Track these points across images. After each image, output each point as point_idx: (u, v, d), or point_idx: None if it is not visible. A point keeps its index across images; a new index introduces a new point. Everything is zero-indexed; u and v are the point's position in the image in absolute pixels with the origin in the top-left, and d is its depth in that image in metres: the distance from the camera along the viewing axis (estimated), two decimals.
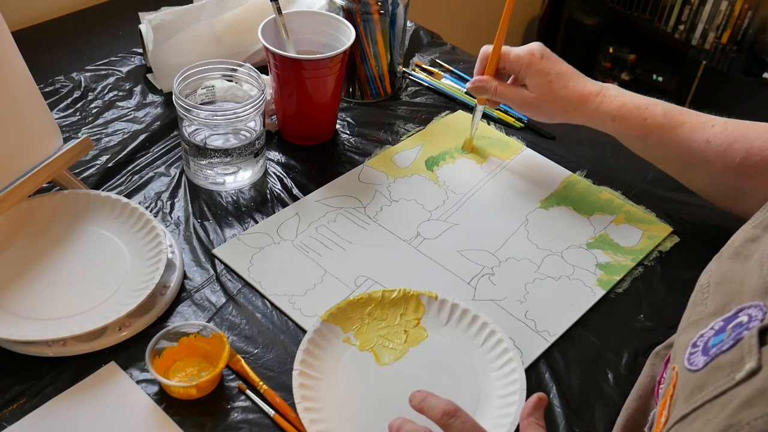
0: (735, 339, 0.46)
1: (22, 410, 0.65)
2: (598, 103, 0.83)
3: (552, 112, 0.86)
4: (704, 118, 0.81)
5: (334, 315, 0.73)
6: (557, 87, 0.84)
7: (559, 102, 0.85)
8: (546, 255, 0.83)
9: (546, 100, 0.85)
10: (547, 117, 0.88)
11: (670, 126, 0.81)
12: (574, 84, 0.84)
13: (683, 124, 0.81)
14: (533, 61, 0.84)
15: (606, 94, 0.84)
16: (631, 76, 2.36)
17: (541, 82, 0.84)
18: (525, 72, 0.85)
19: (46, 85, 0.99)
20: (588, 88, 0.84)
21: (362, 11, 0.94)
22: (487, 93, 0.88)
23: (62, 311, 0.71)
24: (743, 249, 0.55)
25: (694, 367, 0.49)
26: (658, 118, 0.81)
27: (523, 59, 0.85)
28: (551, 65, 0.85)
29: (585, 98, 0.84)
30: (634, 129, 0.83)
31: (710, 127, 0.80)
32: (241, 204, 0.86)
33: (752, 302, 0.48)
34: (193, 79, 0.85)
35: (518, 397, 0.66)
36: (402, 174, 0.92)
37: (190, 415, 0.66)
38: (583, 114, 0.85)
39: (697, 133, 0.80)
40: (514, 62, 0.86)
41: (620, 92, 0.84)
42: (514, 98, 0.87)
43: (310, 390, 0.67)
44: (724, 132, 0.79)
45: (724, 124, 0.80)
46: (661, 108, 0.82)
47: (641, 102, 0.83)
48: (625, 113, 0.82)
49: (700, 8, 2.14)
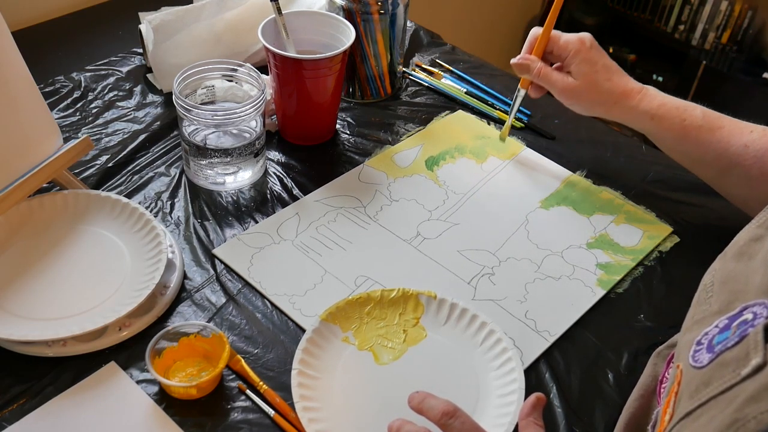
0: (740, 336, 0.46)
1: (22, 410, 0.65)
2: (639, 100, 0.84)
3: (592, 102, 0.86)
4: (742, 124, 0.82)
5: (333, 314, 0.73)
6: (602, 78, 0.84)
7: (602, 94, 0.85)
8: (546, 255, 0.83)
9: (589, 89, 0.85)
10: (586, 107, 0.87)
11: (709, 128, 0.81)
12: (618, 79, 0.85)
13: (722, 127, 0.81)
14: (582, 48, 0.84)
15: (647, 92, 0.84)
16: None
17: (588, 71, 0.84)
18: (572, 58, 0.85)
19: (46, 85, 0.99)
20: (630, 85, 0.85)
21: (362, 11, 0.94)
22: (530, 72, 0.88)
23: (62, 311, 0.71)
24: (747, 248, 0.55)
25: (698, 364, 0.49)
26: (696, 120, 0.82)
27: (572, 45, 0.85)
28: (599, 56, 0.85)
29: (627, 94, 0.84)
30: (672, 129, 0.83)
31: (749, 132, 0.80)
32: (241, 204, 0.87)
33: (757, 300, 0.48)
34: (193, 79, 0.85)
35: (517, 396, 0.66)
36: (402, 174, 0.92)
37: (190, 415, 0.66)
38: (622, 109, 0.85)
39: (735, 137, 0.80)
40: (563, 47, 0.86)
41: (660, 93, 0.85)
42: (557, 83, 0.86)
43: (308, 389, 0.67)
44: (763, 138, 0.79)
45: (763, 131, 0.80)
46: (699, 111, 0.83)
47: (680, 103, 0.83)
48: (665, 113, 0.83)
49: (700, 8, 2.14)
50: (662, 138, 0.85)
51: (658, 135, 0.85)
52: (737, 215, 0.84)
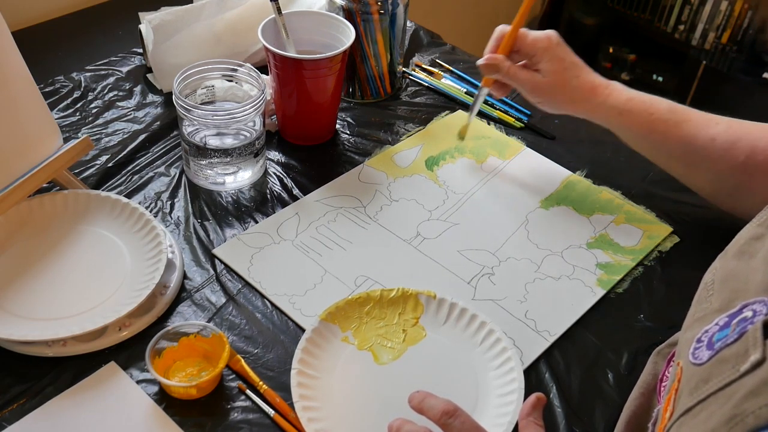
0: (739, 333, 0.47)
1: (22, 410, 0.65)
2: (606, 96, 0.84)
3: (561, 100, 0.86)
4: (708, 117, 0.81)
5: (333, 314, 0.73)
6: (570, 75, 0.84)
7: (570, 91, 0.84)
8: (546, 255, 0.83)
9: (557, 86, 0.84)
10: (554, 105, 0.87)
11: (675, 122, 0.81)
12: (586, 75, 0.85)
13: (688, 121, 0.81)
14: (550, 45, 0.84)
15: (613, 88, 0.84)
16: (631, 76, 2.36)
17: (557, 68, 0.84)
18: (541, 56, 0.84)
19: (46, 85, 0.99)
20: (597, 81, 0.85)
21: (362, 11, 0.94)
22: (499, 72, 0.86)
23: (62, 311, 0.71)
24: (748, 247, 0.55)
25: (698, 361, 0.49)
26: (663, 114, 0.82)
27: (540, 42, 0.84)
28: (566, 53, 0.85)
29: (594, 90, 0.84)
30: (640, 124, 0.83)
31: (714, 124, 0.80)
32: (241, 204, 0.87)
33: (757, 298, 0.48)
34: (193, 79, 0.85)
35: (516, 396, 0.66)
36: (402, 174, 0.92)
37: (190, 415, 0.66)
38: (590, 106, 0.85)
39: (701, 131, 0.80)
40: (530, 45, 0.85)
41: (626, 88, 0.85)
42: (527, 81, 0.85)
43: (308, 389, 0.67)
44: (729, 130, 0.79)
45: (728, 123, 0.80)
46: (666, 104, 0.82)
47: (647, 98, 0.83)
48: (632, 107, 0.83)
49: (700, 8, 2.14)
50: (630, 133, 0.85)
51: (625, 130, 0.85)
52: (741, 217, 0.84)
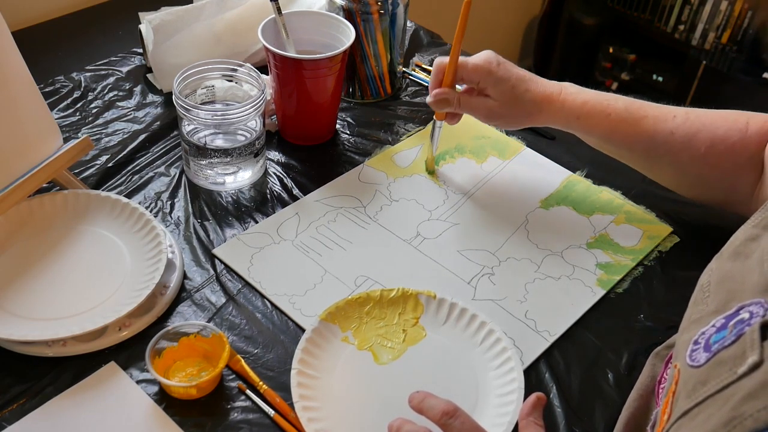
0: (737, 335, 0.47)
1: (22, 410, 0.65)
2: (561, 103, 0.83)
3: (518, 117, 0.84)
4: (665, 110, 0.81)
5: (333, 314, 0.73)
6: (520, 91, 0.82)
7: (524, 106, 0.83)
8: (546, 255, 0.83)
9: (511, 105, 0.83)
10: (513, 123, 0.86)
11: (634, 120, 0.81)
12: (535, 86, 0.83)
13: (645, 117, 0.81)
14: (492, 68, 0.82)
15: (567, 92, 0.83)
16: (631, 76, 2.36)
17: (504, 88, 0.82)
18: (485, 81, 0.82)
19: (46, 85, 0.99)
20: (549, 89, 0.83)
21: (362, 11, 0.94)
22: (450, 105, 0.85)
23: (62, 311, 0.71)
24: (743, 248, 0.55)
25: (696, 364, 0.49)
26: (621, 113, 0.81)
27: (482, 68, 0.82)
28: (509, 71, 0.83)
29: (548, 99, 0.83)
30: (599, 126, 0.82)
31: (672, 118, 0.80)
32: (241, 204, 0.87)
33: (753, 299, 0.48)
34: (193, 79, 0.85)
35: (516, 396, 0.66)
36: (402, 174, 0.92)
37: (190, 415, 0.66)
38: (548, 115, 0.84)
39: (660, 125, 0.80)
40: (472, 72, 0.83)
41: (579, 90, 0.84)
42: (479, 108, 0.84)
43: (308, 389, 0.67)
44: (686, 122, 0.79)
45: (686, 115, 0.80)
46: (621, 103, 0.82)
47: (602, 98, 0.83)
48: (589, 110, 0.82)
49: (700, 8, 2.14)
50: (590, 135, 0.84)
51: (585, 132, 0.84)
52: (737, 215, 0.84)
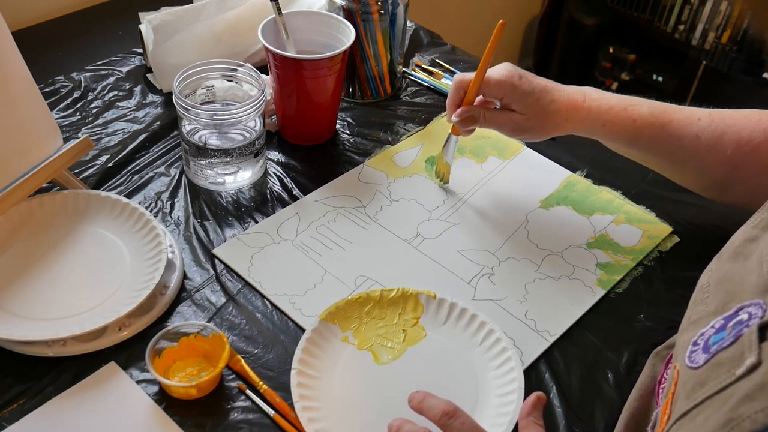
0: (735, 336, 0.47)
1: (22, 410, 0.65)
2: (587, 110, 0.82)
3: (546, 129, 0.83)
4: (689, 113, 0.81)
5: (333, 314, 0.73)
6: (545, 103, 0.81)
7: (551, 117, 0.82)
8: (546, 255, 0.83)
9: (538, 118, 0.82)
10: (541, 135, 0.85)
11: (660, 124, 0.80)
12: (559, 95, 0.82)
13: (671, 121, 0.80)
14: (515, 83, 0.81)
15: (591, 98, 0.82)
16: (631, 76, 2.36)
17: (529, 102, 0.81)
18: (510, 96, 0.81)
19: (46, 85, 0.99)
20: (573, 96, 0.82)
21: (362, 11, 0.94)
22: (477, 123, 0.83)
23: (62, 311, 0.71)
24: (743, 249, 0.55)
25: (694, 365, 0.49)
26: (646, 118, 0.81)
27: (505, 83, 0.81)
28: (532, 83, 0.82)
29: (574, 107, 0.82)
30: (625, 131, 0.81)
31: (697, 120, 0.80)
32: (241, 204, 0.87)
33: (752, 300, 0.49)
34: (193, 79, 0.85)
35: (516, 396, 0.66)
36: (402, 174, 0.92)
37: (190, 415, 0.66)
38: (574, 124, 0.83)
39: (685, 129, 0.80)
40: (496, 88, 0.81)
41: (602, 95, 0.83)
42: (506, 123, 0.83)
43: (308, 389, 0.67)
44: (711, 125, 0.79)
45: (710, 117, 0.80)
46: (646, 107, 0.81)
47: (626, 103, 0.82)
48: (614, 116, 0.81)
49: (700, 8, 2.14)
50: (615, 140, 0.83)
51: (611, 139, 0.83)
52: (736, 215, 0.83)
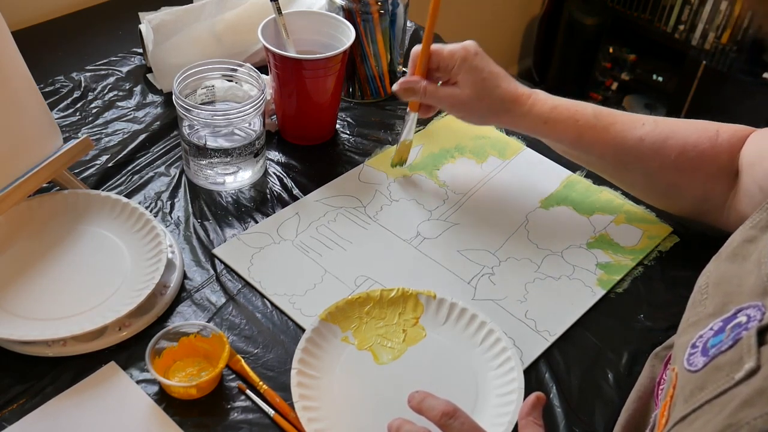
0: (734, 339, 0.47)
1: (22, 410, 0.65)
2: (531, 105, 0.82)
3: (483, 111, 0.83)
4: (634, 117, 0.81)
5: (333, 314, 0.73)
6: (491, 85, 0.81)
7: (492, 101, 0.82)
8: (546, 255, 0.83)
9: (479, 98, 0.82)
10: (476, 117, 0.85)
11: (602, 126, 0.81)
12: (507, 84, 0.82)
13: (614, 123, 0.81)
14: (468, 56, 0.81)
15: (537, 97, 0.82)
16: (631, 76, 2.36)
17: (475, 79, 0.81)
18: (459, 68, 0.81)
19: (46, 85, 0.99)
20: (520, 90, 0.82)
21: (362, 11, 0.94)
22: (415, 94, 0.84)
23: (62, 311, 0.71)
24: (741, 250, 0.55)
25: (693, 368, 0.49)
26: (589, 119, 0.81)
27: (457, 54, 0.81)
28: (485, 63, 0.82)
29: (517, 99, 0.82)
30: (567, 131, 0.81)
31: (641, 125, 0.80)
32: (241, 204, 0.87)
33: (750, 303, 0.48)
34: (193, 79, 0.85)
35: (516, 396, 0.66)
36: (402, 174, 0.92)
37: (190, 415, 0.66)
38: (514, 116, 0.83)
39: (629, 132, 0.80)
40: (448, 57, 0.81)
41: (550, 96, 0.83)
42: (445, 97, 0.83)
43: (308, 389, 0.67)
44: (656, 129, 0.79)
45: (654, 122, 0.80)
46: (591, 109, 0.82)
47: (571, 104, 0.82)
48: (557, 115, 0.81)
49: (700, 8, 2.14)
50: (558, 141, 0.84)
51: (553, 138, 0.84)
52: None
